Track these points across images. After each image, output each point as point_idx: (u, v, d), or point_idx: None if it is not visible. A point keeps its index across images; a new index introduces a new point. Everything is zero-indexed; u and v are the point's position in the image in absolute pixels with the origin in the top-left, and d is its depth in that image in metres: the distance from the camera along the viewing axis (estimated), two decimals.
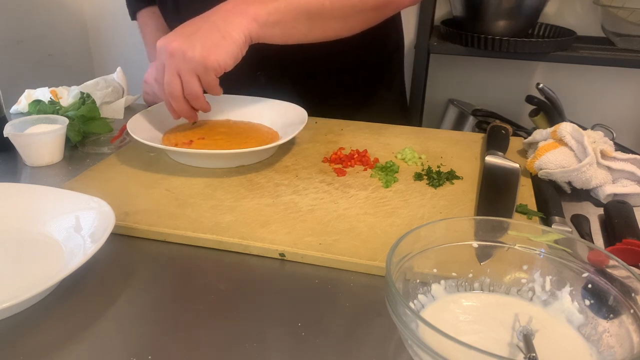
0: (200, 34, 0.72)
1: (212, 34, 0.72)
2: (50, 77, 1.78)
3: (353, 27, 0.86)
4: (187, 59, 0.71)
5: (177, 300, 0.52)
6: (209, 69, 0.71)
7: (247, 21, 0.73)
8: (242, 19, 0.73)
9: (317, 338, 0.46)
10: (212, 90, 0.76)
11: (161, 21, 1.09)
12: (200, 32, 0.72)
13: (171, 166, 0.76)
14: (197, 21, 0.75)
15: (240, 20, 0.73)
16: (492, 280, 0.49)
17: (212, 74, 0.73)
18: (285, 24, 0.77)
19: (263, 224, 0.61)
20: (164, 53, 0.72)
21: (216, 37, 0.72)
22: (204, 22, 0.74)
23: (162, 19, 1.08)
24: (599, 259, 0.46)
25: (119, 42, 2.00)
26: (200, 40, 0.71)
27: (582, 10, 1.63)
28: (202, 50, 0.70)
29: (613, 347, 0.42)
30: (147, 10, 1.12)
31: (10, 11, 1.65)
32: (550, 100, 1.43)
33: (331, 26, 0.83)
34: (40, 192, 0.63)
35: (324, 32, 0.83)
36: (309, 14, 0.78)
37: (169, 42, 0.72)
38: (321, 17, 0.80)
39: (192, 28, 0.73)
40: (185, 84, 0.73)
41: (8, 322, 0.48)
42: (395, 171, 0.74)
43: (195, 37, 0.72)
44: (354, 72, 1.04)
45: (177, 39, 0.72)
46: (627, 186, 0.69)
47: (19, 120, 0.80)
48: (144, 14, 1.12)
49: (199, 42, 0.71)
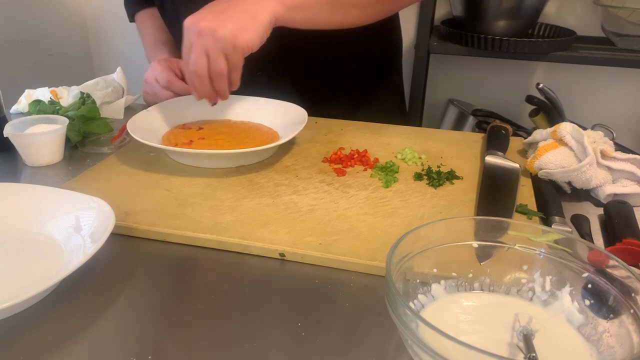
0: (230, 13, 0.72)
1: (241, 14, 0.72)
2: (50, 77, 1.78)
3: (372, 16, 0.88)
4: (217, 37, 0.70)
5: (177, 300, 0.52)
6: (238, 48, 0.71)
7: (274, 3, 0.74)
8: (269, 1, 0.74)
9: (317, 338, 0.46)
10: (236, 71, 0.75)
11: (160, 22, 1.09)
12: (230, 12, 0.72)
13: (171, 166, 0.76)
14: (224, 1, 0.75)
15: (267, 2, 0.74)
16: (492, 280, 0.49)
17: (240, 53, 0.73)
18: (308, 7, 0.78)
19: (263, 224, 0.61)
20: (193, 31, 0.72)
21: (245, 17, 0.72)
22: (232, 1, 0.74)
23: (160, 20, 1.08)
24: (599, 259, 0.46)
25: (119, 42, 2.00)
26: (229, 19, 0.71)
27: (582, 10, 1.63)
28: (232, 30, 0.70)
29: (613, 347, 0.42)
30: (145, 11, 1.12)
31: (10, 11, 1.65)
32: (550, 100, 1.43)
33: (351, 13, 0.84)
34: (40, 192, 0.63)
35: (344, 18, 0.84)
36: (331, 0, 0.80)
37: (198, 20, 0.71)
38: (342, 4, 0.81)
39: (221, 7, 0.73)
40: (212, 62, 0.73)
41: (8, 322, 0.48)
42: (395, 171, 0.74)
43: (225, 16, 0.71)
44: (354, 71, 1.04)
45: (207, 17, 0.72)
46: (627, 186, 0.69)
47: (19, 120, 0.80)
48: (142, 15, 1.13)
49: (229, 21, 0.71)
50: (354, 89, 1.06)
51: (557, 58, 1.45)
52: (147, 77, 0.96)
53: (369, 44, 1.01)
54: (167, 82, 0.92)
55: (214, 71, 0.73)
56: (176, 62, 0.97)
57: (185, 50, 0.74)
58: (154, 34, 1.09)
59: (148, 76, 0.96)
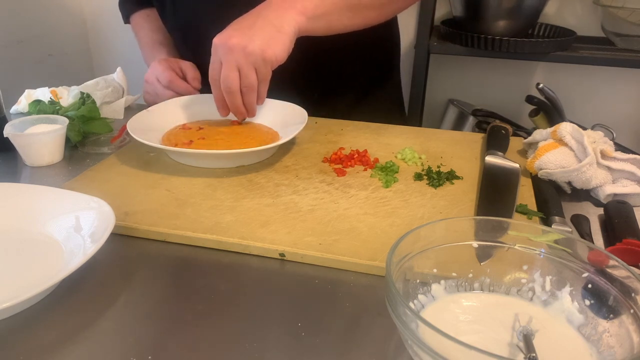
0: (257, 29, 0.73)
1: (268, 28, 0.73)
2: (50, 77, 1.78)
3: (387, 15, 0.90)
4: (247, 52, 0.72)
5: (177, 300, 0.52)
6: (267, 62, 0.73)
7: (297, 15, 0.75)
8: (292, 12, 0.75)
9: (317, 338, 0.46)
10: (264, 84, 0.77)
11: (156, 23, 1.09)
12: (256, 27, 0.73)
13: (171, 166, 0.76)
14: (250, 17, 0.76)
15: (290, 14, 0.75)
16: (492, 280, 0.49)
17: (269, 66, 0.74)
18: (329, 15, 0.79)
19: (263, 224, 0.61)
20: (223, 48, 0.73)
21: (272, 31, 0.73)
22: (257, 17, 0.75)
23: (157, 21, 1.08)
24: (599, 259, 0.46)
25: (119, 42, 2.00)
26: (257, 34, 0.73)
27: (582, 10, 1.63)
28: (261, 44, 0.72)
29: (613, 347, 0.42)
30: (140, 13, 1.12)
31: (10, 11, 1.65)
32: (550, 100, 1.43)
33: (369, 15, 0.86)
34: (40, 192, 0.63)
35: (362, 20, 0.86)
36: (350, 5, 0.81)
37: (227, 37, 0.73)
38: (360, 7, 0.83)
39: (247, 23, 0.75)
40: (243, 77, 0.74)
41: (8, 322, 0.48)
42: (395, 171, 0.74)
43: (253, 32, 0.73)
44: (353, 72, 1.04)
45: (236, 34, 0.73)
46: (627, 186, 0.69)
47: (19, 120, 0.80)
48: (138, 16, 1.13)
49: (257, 36, 0.72)
50: (353, 89, 1.06)
51: (557, 58, 1.45)
52: (148, 77, 0.96)
53: (368, 45, 1.02)
54: (168, 82, 0.92)
55: (245, 85, 0.75)
56: (176, 62, 0.97)
57: (214, 68, 0.76)
58: (150, 35, 1.09)
59: (149, 76, 0.96)
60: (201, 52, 1.00)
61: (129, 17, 1.14)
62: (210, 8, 0.95)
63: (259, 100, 0.80)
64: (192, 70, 0.96)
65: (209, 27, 0.97)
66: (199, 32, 0.99)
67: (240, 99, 0.77)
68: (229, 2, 0.90)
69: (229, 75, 0.74)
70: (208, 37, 0.98)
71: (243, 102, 0.78)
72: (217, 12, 0.94)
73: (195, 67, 0.97)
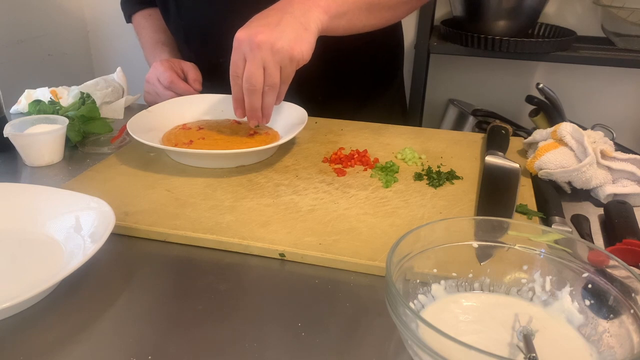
0: (284, 25, 0.71)
1: (295, 26, 0.71)
2: (50, 77, 1.78)
3: (400, 15, 0.91)
4: (275, 50, 0.69)
5: (177, 300, 0.52)
6: (294, 60, 0.71)
7: (321, 13, 0.74)
8: (317, 10, 0.74)
9: (317, 338, 0.46)
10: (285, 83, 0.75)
11: (158, 23, 1.09)
12: (284, 24, 0.71)
13: (171, 166, 0.76)
14: (275, 13, 0.73)
15: (314, 12, 0.74)
16: (492, 280, 0.49)
17: (295, 65, 0.72)
18: (350, 14, 0.79)
19: (263, 224, 0.61)
20: (248, 44, 0.70)
21: (299, 29, 0.71)
22: (284, 13, 0.72)
23: (159, 21, 1.08)
24: (599, 259, 0.46)
25: (119, 42, 2.00)
26: (286, 31, 0.70)
27: (582, 10, 1.63)
28: (289, 42, 0.70)
29: (613, 347, 0.42)
30: (142, 12, 1.12)
31: (10, 11, 1.65)
32: (550, 100, 1.43)
33: (385, 15, 0.86)
34: (40, 192, 0.63)
35: (379, 21, 0.86)
36: (370, 5, 0.81)
37: (254, 34, 0.70)
38: (379, 7, 0.83)
39: (273, 19, 0.72)
40: (268, 75, 0.72)
41: (8, 322, 0.48)
42: (395, 171, 0.74)
43: (280, 28, 0.70)
44: (358, 72, 1.04)
45: (263, 30, 0.70)
46: (627, 186, 0.69)
47: (19, 120, 0.80)
48: (140, 16, 1.13)
49: (285, 33, 0.70)
50: (358, 90, 1.06)
51: (557, 58, 1.45)
52: (149, 77, 0.96)
53: (373, 46, 1.02)
54: (170, 83, 0.92)
55: (268, 84, 0.72)
56: (178, 63, 0.97)
57: (237, 64, 0.72)
58: (152, 35, 1.08)
59: (150, 76, 0.96)
60: (204, 52, 1.00)
61: (131, 17, 1.14)
62: (214, 9, 0.95)
63: (278, 99, 0.77)
64: (194, 71, 0.96)
65: (212, 28, 0.97)
66: (202, 33, 0.99)
67: (261, 99, 0.75)
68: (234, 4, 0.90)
69: (255, 72, 0.71)
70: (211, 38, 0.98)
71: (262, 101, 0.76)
72: (221, 14, 0.94)
73: (197, 68, 0.97)
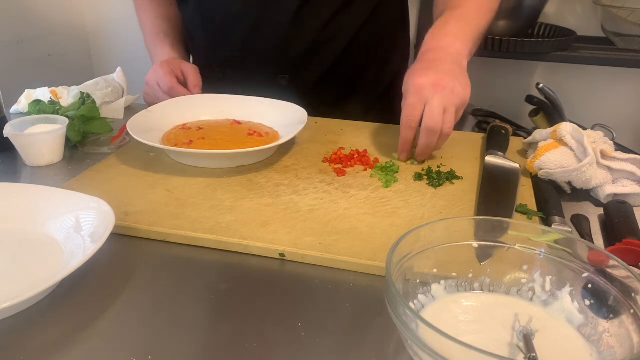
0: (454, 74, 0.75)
1: (460, 74, 0.76)
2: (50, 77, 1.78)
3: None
4: (456, 94, 0.73)
5: (177, 300, 0.52)
6: (465, 105, 0.75)
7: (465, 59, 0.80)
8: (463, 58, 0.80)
9: (317, 338, 0.46)
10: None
11: (162, 10, 1.07)
12: (453, 72, 0.75)
13: (171, 166, 0.76)
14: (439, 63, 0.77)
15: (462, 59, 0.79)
16: (492, 280, 0.49)
17: (462, 112, 0.76)
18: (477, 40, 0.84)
19: (263, 224, 0.61)
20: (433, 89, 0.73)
21: (463, 75, 0.77)
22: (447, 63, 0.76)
23: (163, 7, 1.06)
24: (599, 259, 0.46)
25: (119, 42, 2.00)
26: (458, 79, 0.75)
27: (582, 10, 1.63)
28: (462, 88, 0.74)
29: (613, 347, 0.42)
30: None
31: (10, 11, 1.65)
32: (550, 100, 1.43)
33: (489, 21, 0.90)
34: (40, 192, 0.63)
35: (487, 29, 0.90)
36: (483, 33, 0.86)
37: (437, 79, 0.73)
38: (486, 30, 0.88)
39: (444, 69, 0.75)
40: (447, 118, 0.73)
41: (8, 322, 0.48)
42: (395, 171, 0.74)
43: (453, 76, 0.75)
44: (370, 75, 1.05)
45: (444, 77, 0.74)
46: (627, 186, 0.69)
47: (19, 120, 0.80)
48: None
49: (458, 80, 0.74)
50: (369, 92, 1.07)
51: (557, 58, 1.45)
52: (148, 79, 0.96)
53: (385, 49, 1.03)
54: (169, 89, 0.92)
55: (446, 127, 0.74)
56: (178, 65, 0.96)
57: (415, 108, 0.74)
58: (155, 21, 1.07)
59: (150, 79, 0.96)
60: (221, 44, 0.99)
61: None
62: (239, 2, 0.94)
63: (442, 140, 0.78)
64: (194, 75, 0.95)
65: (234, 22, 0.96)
66: (223, 25, 0.98)
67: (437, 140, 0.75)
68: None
69: (439, 112, 0.72)
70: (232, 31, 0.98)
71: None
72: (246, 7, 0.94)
73: (197, 71, 0.96)
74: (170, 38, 1.05)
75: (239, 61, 0.99)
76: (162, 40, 1.04)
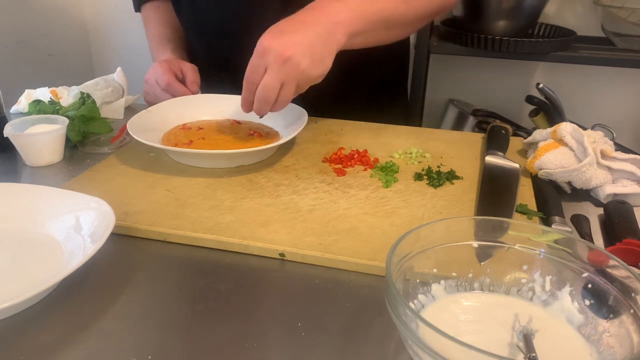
0: (311, 45, 0.70)
1: (320, 48, 0.71)
2: (50, 77, 1.78)
3: (411, 32, 0.93)
4: (300, 70, 0.69)
5: (177, 300, 0.52)
6: (311, 82, 0.72)
7: (343, 35, 0.73)
8: (339, 32, 0.72)
9: (317, 338, 0.46)
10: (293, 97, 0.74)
11: (166, 16, 1.08)
12: (311, 43, 0.70)
13: (171, 166, 0.76)
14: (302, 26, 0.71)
15: (338, 32, 0.72)
16: (492, 280, 0.49)
17: (309, 85, 0.73)
18: (368, 32, 0.78)
19: (263, 224, 0.61)
20: (276, 57, 0.69)
21: (324, 52, 0.71)
22: (312, 31, 0.71)
23: (166, 14, 1.08)
24: (599, 259, 0.46)
25: (119, 42, 2.00)
26: (313, 52, 0.70)
27: (582, 10, 1.63)
28: (311, 63, 0.70)
29: (613, 347, 0.42)
30: (152, 4, 1.12)
31: (10, 11, 1.65)
32: (550, 100, 1.43)
33: (398, 33, 0.87)
34: (40, 192, 0.63)
35: (391, 38, 0.86)
36: (388, 23, 0.81)
37: (284, 47, 0.68)
38: (394, 25, 0.83)
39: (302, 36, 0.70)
40: (284, 91, 0.71)
41: (8, 322, 0.48)
42: (395, 171, 0.74)
43: (307, 48, 0.70)
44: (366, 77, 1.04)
45: (293, 47, 0.69)
46: (627, 186, 0.69)
47: (19, 120, 0.80)
48: (149, 7, 1.12)
49: (312, 54, 0.70)
50: (366, 95, 1.06)
51: (557, 58, 1.45)
52: (147, 78, 0.96)
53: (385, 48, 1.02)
54: (167, 85, 0.92)
55: (282, 100, 0.72)
56: (177, 63, 0.97)
57: (256, 70, 0.71)
58: (158, 28, 1.08)
59: (149, 77, 0.96)
60: (215, 47, 1.00)
61: (140, 7, 1.14)
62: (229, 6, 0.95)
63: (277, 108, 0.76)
64: (192, 73, 0.96)
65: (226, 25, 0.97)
66: (215, 29, 0.98)
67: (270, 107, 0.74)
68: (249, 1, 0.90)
69: (272, 86, 0.70)
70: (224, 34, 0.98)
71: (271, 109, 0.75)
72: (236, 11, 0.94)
73: (196, 70, 0.97)
74: (172, 43, 1.06)
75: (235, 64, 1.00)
76: (164, 45, 1.05)
